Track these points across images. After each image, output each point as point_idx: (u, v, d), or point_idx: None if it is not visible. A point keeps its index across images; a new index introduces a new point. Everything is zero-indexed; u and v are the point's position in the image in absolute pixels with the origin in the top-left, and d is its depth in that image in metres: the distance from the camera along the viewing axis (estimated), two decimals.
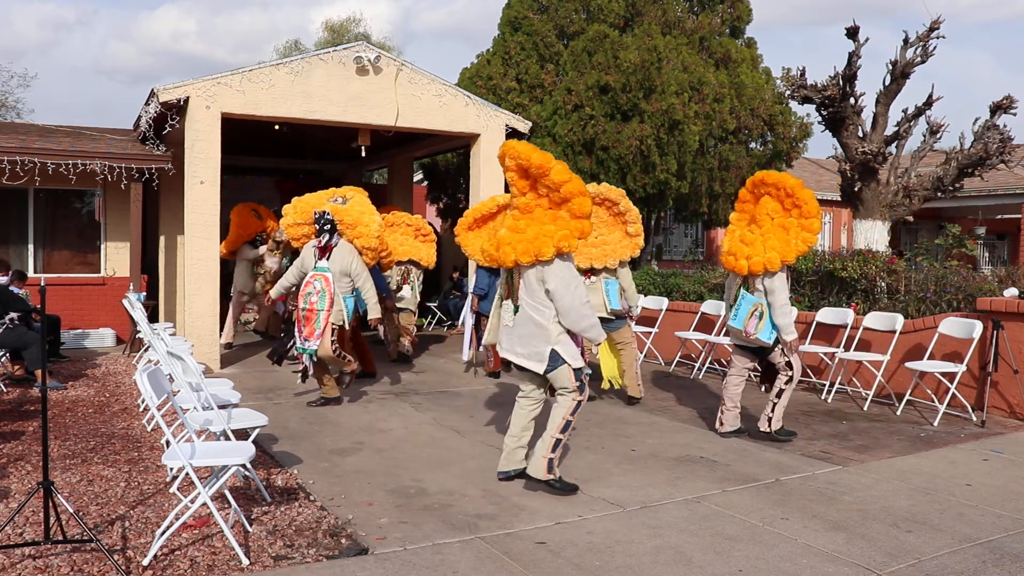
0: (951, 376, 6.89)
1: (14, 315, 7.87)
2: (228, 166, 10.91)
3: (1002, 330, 6.79)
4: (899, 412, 7.12)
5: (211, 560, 3.69)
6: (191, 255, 8.92)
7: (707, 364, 9.32)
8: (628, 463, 5.40)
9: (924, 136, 10.78)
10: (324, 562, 3.70)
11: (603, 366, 7.64)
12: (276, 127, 10.34)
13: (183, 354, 4.96)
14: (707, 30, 13.12)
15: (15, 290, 8.58)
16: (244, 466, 4.31)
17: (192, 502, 4.01)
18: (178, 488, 4.55)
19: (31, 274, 10.62)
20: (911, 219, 12.65)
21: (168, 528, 3.87)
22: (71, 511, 3.90)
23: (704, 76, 12.34)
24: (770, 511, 4.46)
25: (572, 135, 11.96)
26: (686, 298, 10.69)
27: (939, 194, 10.80)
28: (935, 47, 10.39)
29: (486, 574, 3.60)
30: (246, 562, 3.66)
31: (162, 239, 11.67)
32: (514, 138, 10.56)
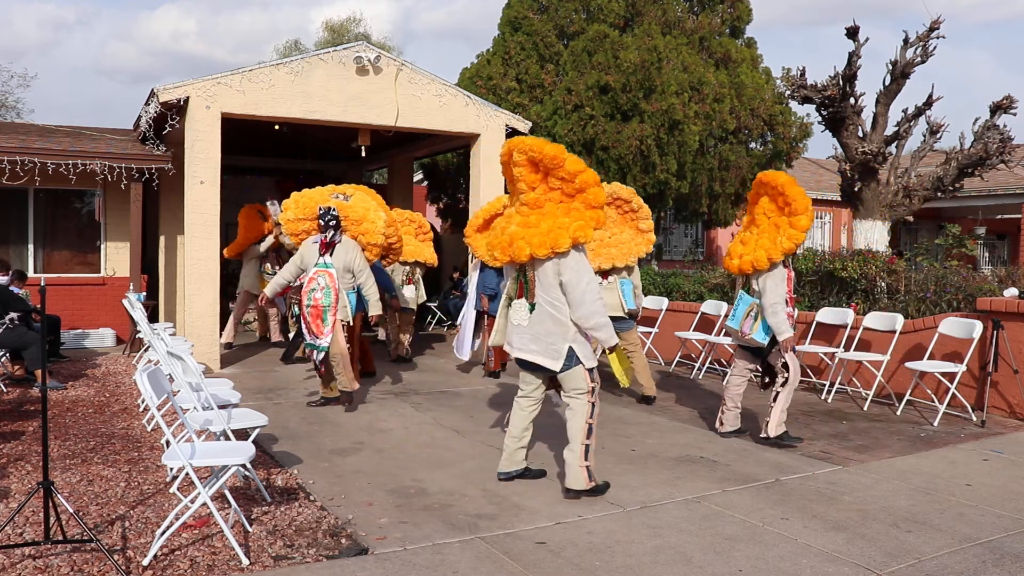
0: (951, 376, 6.89)
1: (14, 315, 7.87)
2: (228, 166, 10.90)
3: (1002, 330, 6.79)
4: (899, 412, 7.12)
5: (211, 560, 3.69)
6: (191, 255, 8.92)
7: (707, 364, 9.33)
8: (628, 463, 5.40)
9: (924, 136, 10.79)
10: (324, 562, 3.70)
11: (614, 366, 7.65)
12: (276, 127, 10.34)
13: (183, 354, 4.96)
14: (707, 30, 13.12)
15: (15, 290, 8.58)
16: (244, 466, 4.32)
17: (192, 502, 4.01)
18: (178, 488, 4.55)
19: (31, 274, 10.62)
20: (911, 219, 12.66)
21: (168, 528, 3.87)
22: (71, 511, 3.90)
23: (704, 76, 12.35)
24: (770, 511, 4.46)
25: (572, 135, 11.96)
26: (686, 298, 10.70)
27: (939, 194, 10.80)
28: (935, 47, 10.40)
29: (486, 574, 3.60)
30: (246, 562, 3.66)
31: (162, 239, 11.68)
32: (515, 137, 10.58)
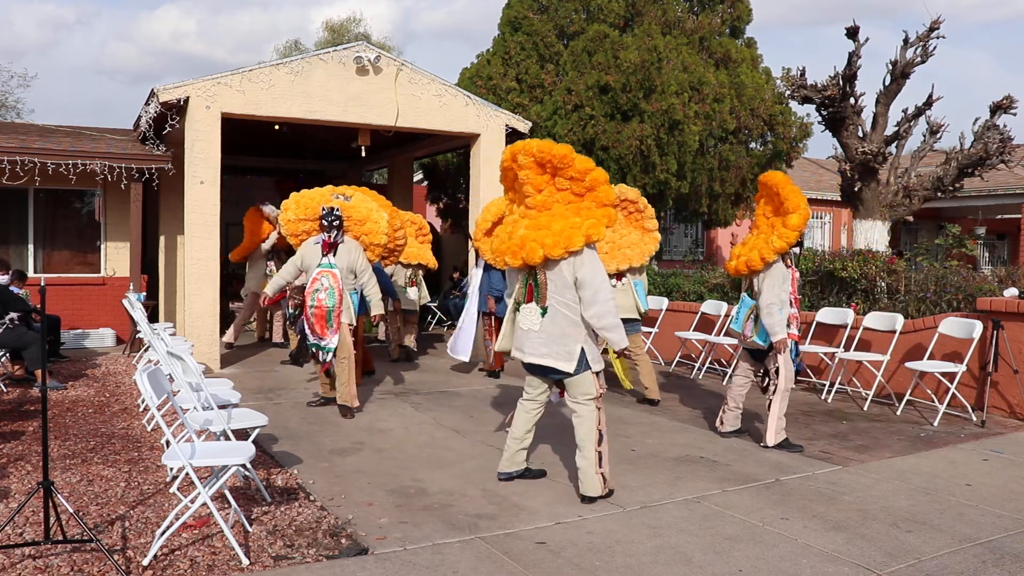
0: (951, 376, 6.89)
1: (14, 315, 7.87)
2: (228, 166, 10.90)
3: (1002, 330, 6.79)
4: (899, 412, 7.12)
5: (211, 560, 3.69)
6: (191, 255, 8.92)
7: (707, 364, 9.33)
8: (628, 463, 5.40)
9: (924, 136, 10.79)
10: (324, 562, 3.70)
11: (616, 368, 7.70)
12: (276, 127, 10.34)
13: (183, 354, 4.96)
14: (707, 30, 13.11)
15: (15, 290, 8.58)
16: (244, 466, 4.31)
17: (192, 502, 4.01)
18: (178, 488, 4.54)
19: (31, 274, 10.61)
20: (911, 219, 12.66)
21: (168, 528, 3.87)
22: (71, 511, 3.90)
23: (704, 76, 12.34)
24: (770, 511, 4.46)
25: (572, 135, 11.96)
26: (686, 298, 10.70)
27: (939, 194, 10.81)
28: (935, 47, 10.40)
29: (486, 574, 3.60)
30: (246, 562, 3.66)
31: (162, 239, 11.67)
32: (515, 138, 10.58)
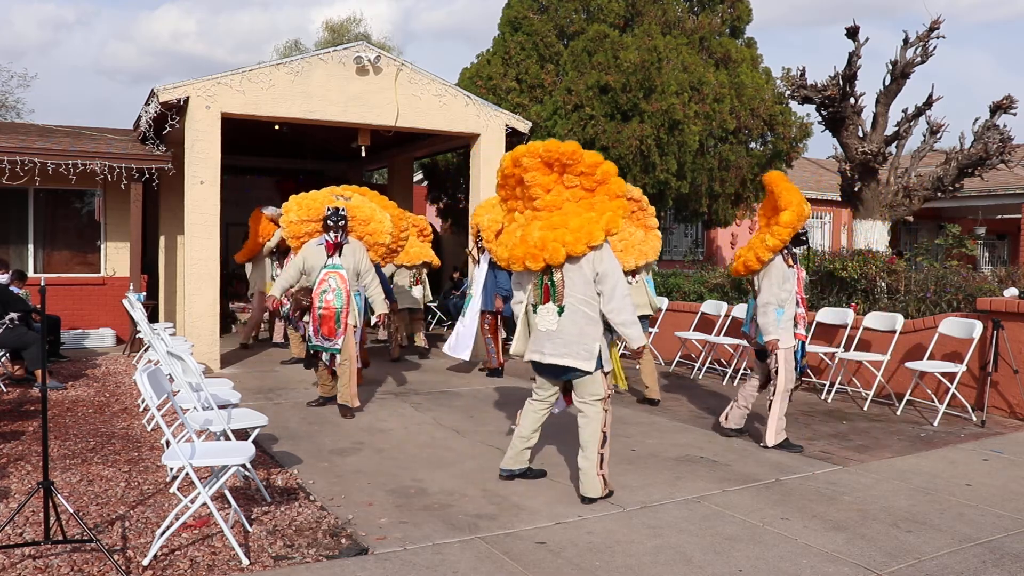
0: (951, 376, 6.89)
1: (14, 315, 7.87)
2: (228, 166, 10.89)
3: (1002, 330, 6.79)
4: (899, 412, 7.12)
5: (211, 560, 3.69)
6: (191, 255, 8.92)
7: (707, 364, 9.33)
8: (628, 463, 5.40)
9: (924, 136, 10.79)
10: (324, 562, 3.70)
11: (615, 367, 7.69)
12: (276, 127, 10.34)
13: (183, 354, 4.96)
14: (707, 30, 13.12)
15: (15, 290, 8.58)
16: (244, 466, 4.31)
17: (192, 502, 4.01)
18: (178, 488, 4.54)
19: (31, 274, 10.61)
20: (911, 219, 12.66)
21: (168, 528, 3.86)
22: (71, 511, 3.90)
23: (704, 76, 12.34)
24: (770, 511, 4.46)
25: (572, 135, 11.95)
26: (686, 298, 10.70)
27: (939, 194, 10.81)
28: (935, 47, 10.40)
29: (486, 574, 3.60)
30: (246, 562, 3.66)
31: (162, 239, 11.67)
32: (515, 138, 10.58)
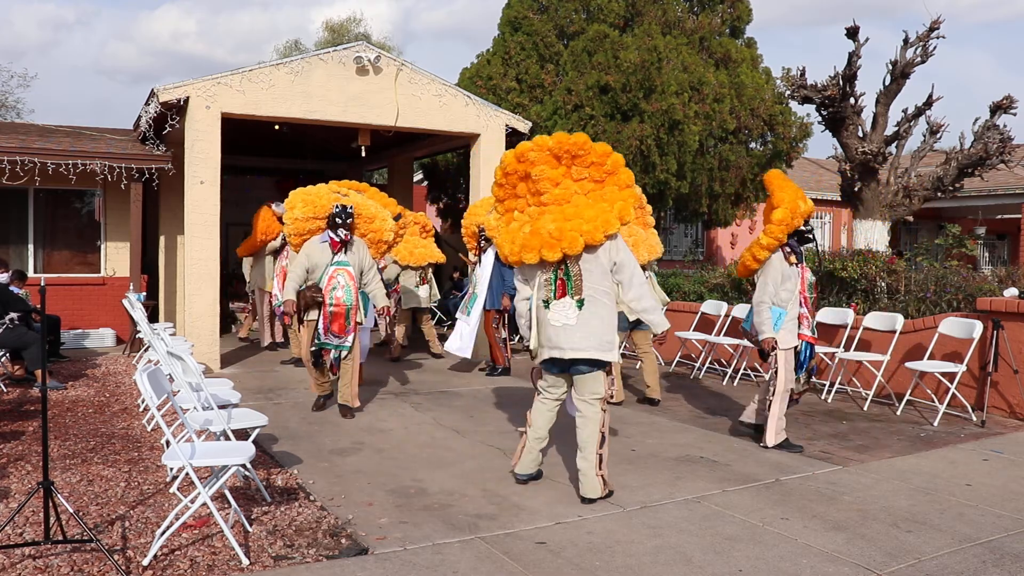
0: (951, 376, 6.89)
1: (14, 315, 7.87)
2: (228, 166, 10.89)
3: (1002, 330, 6.79)
4: (899, 412, 7.12)
5: (211, 560, 3.69)
6: (191, 255, 8.92)
7: (707, 364, 9.33)
8: (628, 463, 5.40)
9: (924, 136, 10.79)
10: (324, 562, 3.70)
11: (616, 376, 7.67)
12: (276, 127, 10.33)
13: (183, 354, 4.96)
14: (707, 30, 13.11)
15: (15, 290, 8.58)
16: (244, 466, 4.31)
17: (192, 502, 4.01)
18: (178, 488, 4.54)
19: (31, 274, 10.61)
20: (911, 219, 12.66)
21: (168, 528, 3.86)
22: (71, 511, 3.90)
23: (704, 76, 12.34)
24: (770, 511, 4.46)
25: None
26: (686, 298, 10.70)
27: (939, 194, 10.80)
28: (935, 47, 10.40)
29: (486, 574, 3.60)
30: (246, 562, 3.66)
31: (162, 239, 11.67)
32: (515, 138, 10.58)
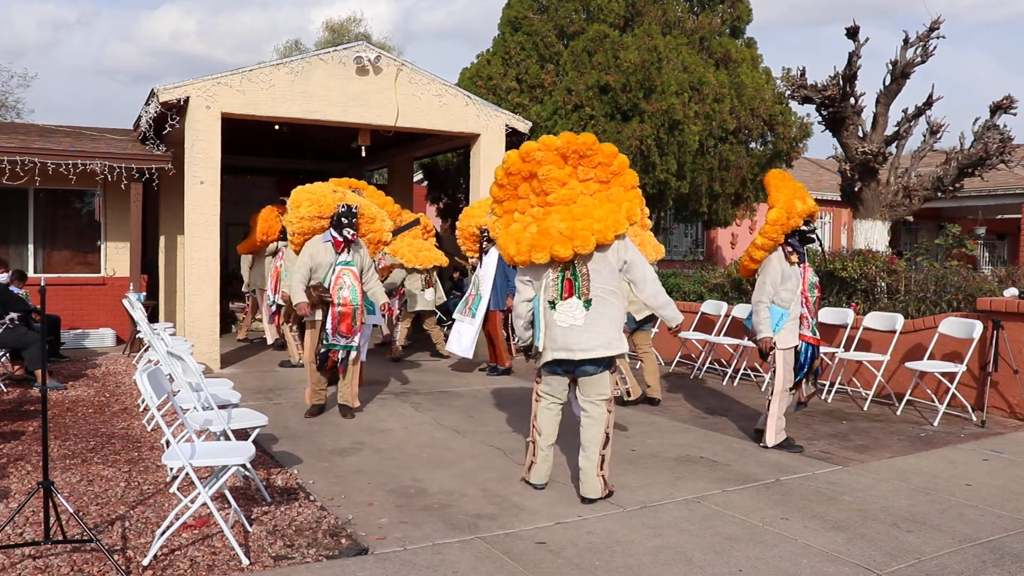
0: (951, 376, 6.89)
1: (14, 315, 7.87)
2: (228, 166, 10.88)
3: (1002, 330, 6.79)
4: (899, 412, 7.12)
5: (211, 560, 3.69)
6: (191, 255, 8.92)
7: (707, 364, 9.33)
8: (628, 463, 5.40)
9: (924, 136, 10.78)
10: (324, 562, 3.70)
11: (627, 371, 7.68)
12: (276, 127, 10.33)
13: (183, 354, 4.96)
14: (707, 30, 13.11)
15: (15, 290, 8.58)
16: (244, 466, 4.31)
17: (192, 502, 4.01)
18: (178, 488, 4.54)
19: (31, 274, 10.61)
20: (911, 219, 12.66)
21: (168, 528, 3.86)
22: (71, 511, 3.90)
23: (704, 76, 12.34)
24: (770, 511, 4.46)
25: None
26: (686, 298, 10.69)
27: (939, 194, 10.80)
28: (935, 47, 10.39)
29: (486, 574, 3.60)
30: (246, 562, 3.66)
31: (162, 239, 11.67)
32: (515, 138, 10.58)
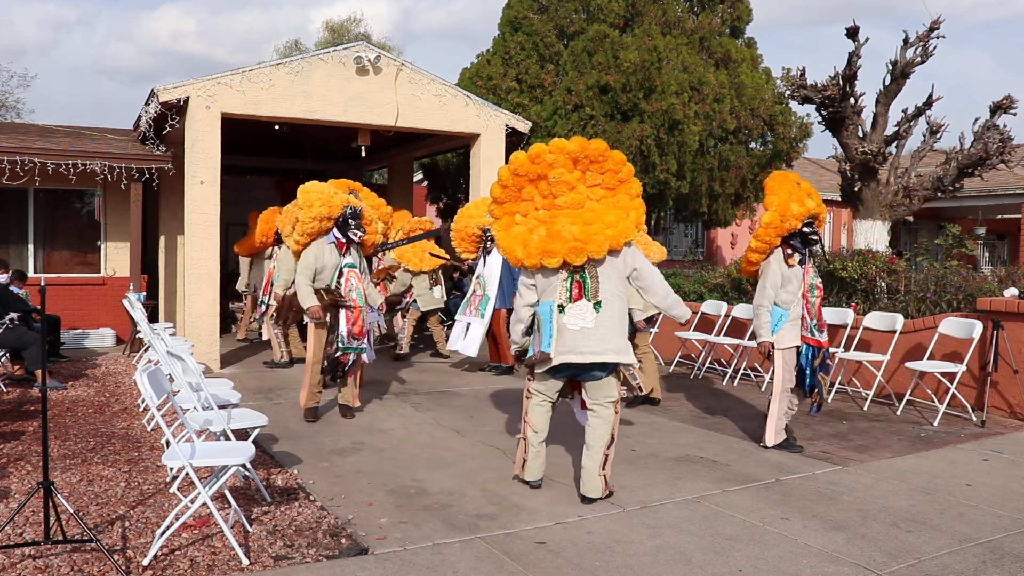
0: (951, 376, 6.89)
1: (14, 315, 7.87)
2: (228, 166, 10.89)
3: (1002, 330, 6.79)
4: (899, 412, 7.12)
5: (211, 560, 3.69)
6: (191, 255, 8.92)
7: (707, 364, 9.33)
8: (628, 463, 5.40)
9: (924, 136, 10.78)
10: (324, 562, 3.70)
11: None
12: (276, 127, 10.33)
13: (183, 354, 4.96)
14: (707, 30, 13.11)
15: (15, 290, 8.58)
16: (244, 466, 4.31)
17: (192, 502, 4.01)
18: (178, 488, 4.55)
19: (31, 274, 10.61)
20: (911, 219, 12.66)
21: (168, 528, 3.87)
22: (71, 511, 3.90)
23: (704, 76, 12.34)
24: (770, 511, 4.46)
25: (572, 135, 11.92)
26: (686, 298, 10.69)
27: (939, 194, 10.80)
28: (935, 47, 10.39)
29: (486, 574, 3.60)
30: (246, 562, 3.66)
31: (162, 239, 11.67)
32: (515, 138, 10.58)
